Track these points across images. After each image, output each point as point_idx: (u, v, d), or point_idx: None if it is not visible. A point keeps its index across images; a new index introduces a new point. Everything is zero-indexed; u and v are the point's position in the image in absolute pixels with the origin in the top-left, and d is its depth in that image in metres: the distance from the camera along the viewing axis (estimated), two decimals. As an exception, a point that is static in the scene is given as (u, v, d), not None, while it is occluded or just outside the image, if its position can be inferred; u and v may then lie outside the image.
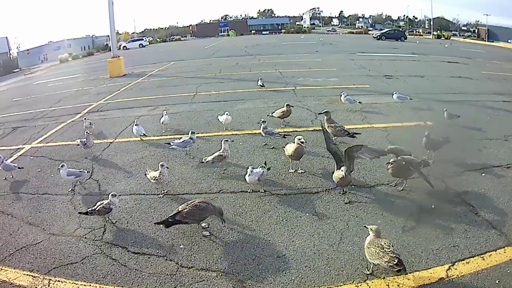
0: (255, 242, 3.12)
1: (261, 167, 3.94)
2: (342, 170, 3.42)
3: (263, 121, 5.11)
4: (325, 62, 14.76)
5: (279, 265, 2.83)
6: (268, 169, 4.03)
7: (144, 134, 5.74)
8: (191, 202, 3.20)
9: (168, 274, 2.81)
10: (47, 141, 6.43)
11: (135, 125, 5.80)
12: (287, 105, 6.00)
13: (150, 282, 2.74)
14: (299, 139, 4.11)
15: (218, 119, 6.11)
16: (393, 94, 6.82)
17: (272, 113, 6.08)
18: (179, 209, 3.17)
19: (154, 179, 3.96)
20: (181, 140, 4.85)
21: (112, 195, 3.47)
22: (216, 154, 4.33)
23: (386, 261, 2.45)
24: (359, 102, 6.77)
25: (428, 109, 6.80)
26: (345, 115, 6.51)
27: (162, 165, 3.93)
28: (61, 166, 4.22)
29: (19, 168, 4.86)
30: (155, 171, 4.02)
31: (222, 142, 4.38)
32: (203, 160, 4.41)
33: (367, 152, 3.46)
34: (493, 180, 3.98)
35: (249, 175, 3.81)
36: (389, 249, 2.48)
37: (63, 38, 44.41)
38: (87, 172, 4.56)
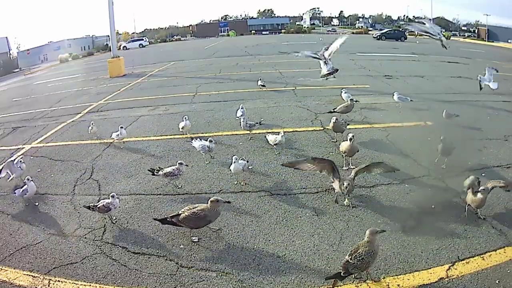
0: (255, 242, 3.13)
1: (241, 159, 4.14)
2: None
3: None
4: (325, 62, 14.72)
5: (279, 265, 2.83)
6: (247, 161, 4.27)
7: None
8: (193, 208, 3.15)
9: (168, 274, 2.81)
10: (47, 141, 6.43)
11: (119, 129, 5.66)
12: (351, 99, 6.01)
13: (150, 282, 2.74)
14: (351, 137, 4.18)
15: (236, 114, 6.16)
16: (393, 95, 6.79)
17: (334, 109, 6.05)
18: (179, 212, 3.17)
19: (168, 175, 4.00)
20: (200, 144, 4.82)
21: (111, 196, 3.47)
22: (280, 137, 4.80)
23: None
24: (356, 101, 6.69)
25: (428, 109, 6.80)
26: (345, 115, 6.49)
27: (180, 164, 4.02)
28: (28, 180, 4.02)
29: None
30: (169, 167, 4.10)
31: (281, 135, 4.80)
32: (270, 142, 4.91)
33: None
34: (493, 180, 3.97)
35: (234, 162, 3.98)
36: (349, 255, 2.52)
37: (63, 38, 44.15)
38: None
